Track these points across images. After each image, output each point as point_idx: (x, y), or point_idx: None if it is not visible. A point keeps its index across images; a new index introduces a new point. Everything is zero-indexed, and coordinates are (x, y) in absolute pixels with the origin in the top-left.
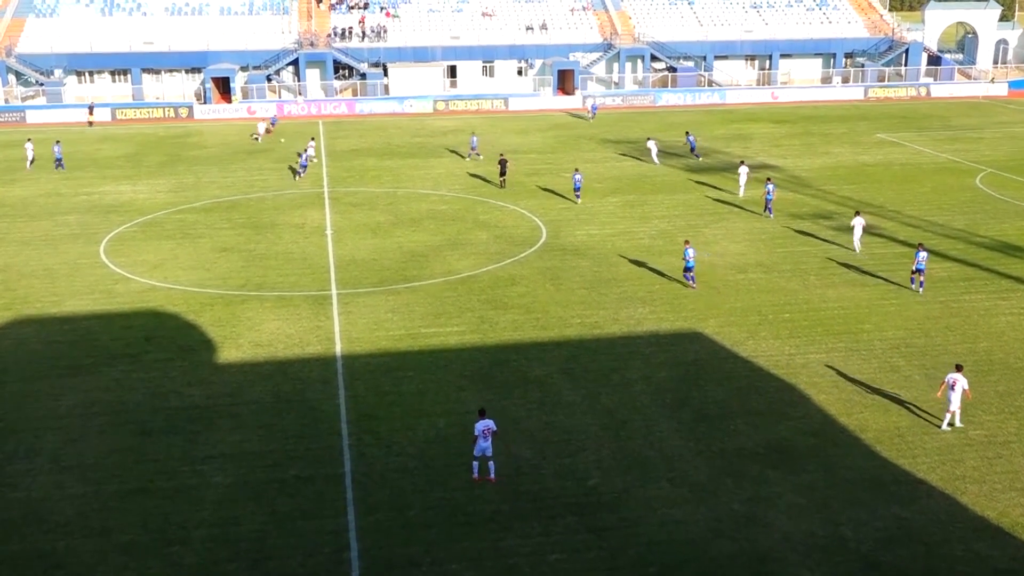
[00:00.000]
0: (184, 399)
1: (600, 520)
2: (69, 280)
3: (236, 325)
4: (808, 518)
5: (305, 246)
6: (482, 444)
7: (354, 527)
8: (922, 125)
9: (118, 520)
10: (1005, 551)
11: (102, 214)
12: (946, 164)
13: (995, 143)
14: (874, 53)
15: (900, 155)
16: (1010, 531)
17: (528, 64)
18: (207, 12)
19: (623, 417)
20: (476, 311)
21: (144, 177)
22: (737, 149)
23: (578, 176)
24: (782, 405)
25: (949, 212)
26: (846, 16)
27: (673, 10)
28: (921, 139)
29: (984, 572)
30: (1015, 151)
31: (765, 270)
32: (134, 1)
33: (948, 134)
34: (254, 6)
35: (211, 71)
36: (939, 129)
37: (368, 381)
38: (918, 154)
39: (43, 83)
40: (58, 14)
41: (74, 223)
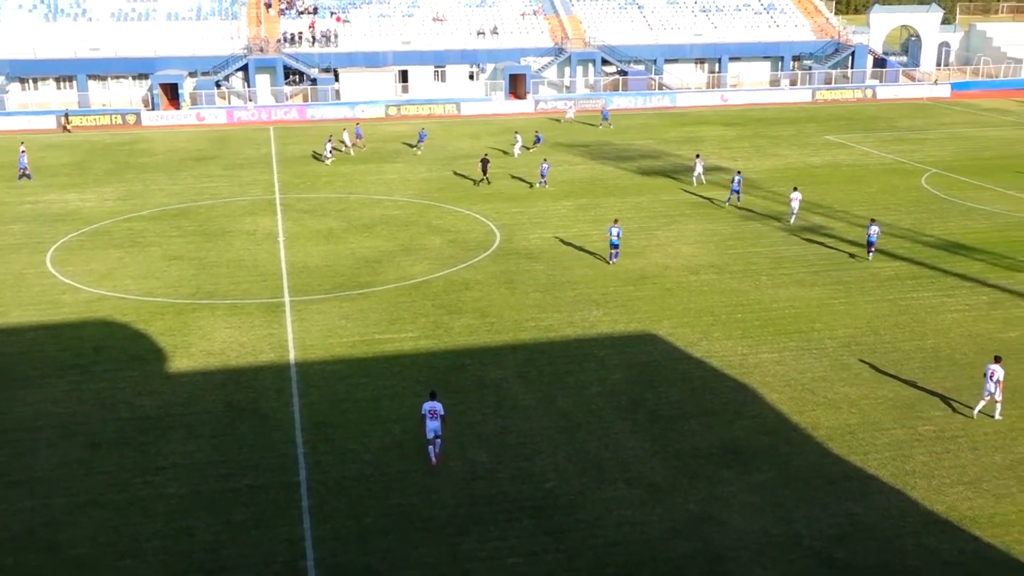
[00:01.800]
0: (135, 410)
1: (557, 522)
2: (14, 291)
3: (187, 334)
4: (763, 516)
5: (257, 253)
6: (431, 424)
7: (310, 536)
8: (868, 127)
9: (68, 534)
10: (954, 544)
11: (48, 223)
12: (892, 165)
13: (940, 144)
14: (821, 56)
15: (847, 156)
16: (958, 524)
17: (480, 69)
18: (154, 17)
19: (579, 419)
20: (431, 316)
21: (91, 185)
22: (688, 151)
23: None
24: (736, 405)
25: (896, 212)
26: (793, 20)
27: (623, 14)
28: (868, 140)
29: (934, 565)
30: (959, 151)
31: (717, 271)
32: (79, 7)
33: (894, 135)
34: (202, 11)
35: (159, 77)
36: (885, 130)
37: (322, 388)
38: (865, 155)
39: None
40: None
41: (19, 232)
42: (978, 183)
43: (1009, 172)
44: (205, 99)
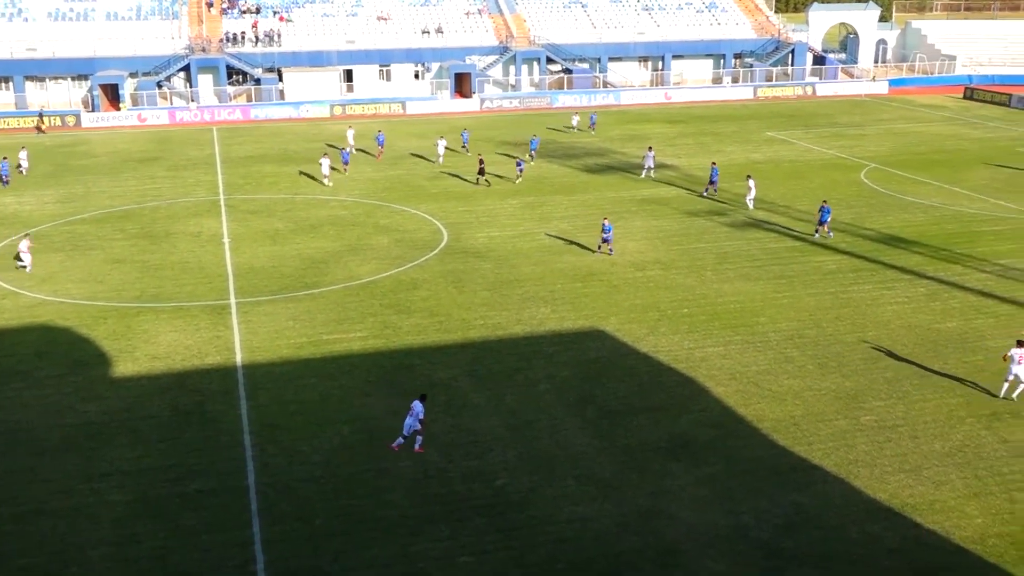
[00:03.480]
0: (80, 415)
1: (509, 520)
2: None
3: (132, 338)
4: (711, 509)
5: (202, 255)
6: (408, 421)
7: (259, 539)
8: (809, 123)
9: (14, 544)
10: (896, 531)
11: None
12: (833, 160)
13: (878, 139)
14: (762, 53)
15: (789, 152)
16: (900, 512)
17: (425, 68)
18: (93, 17)
19: (528, 417)
20: (379, 316)
21: (30, 188)
22: (633, 149)
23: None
24: (683, 399)
25: (836, 206)
26: (734, 18)
27: (567, 13)
28: (808, 137)
29: (878, 552)
30: (897, 147)
31: (663, 267)
32: (14, 6)
33: (834, 131)
34: (142, 11)
35: (99, 78)
36: (825, 127)
37: (270, 390)
38: (806, 151)
39: None
40: None
41: None
42: (915, 177)
43: (945, 167)
44: (147, 100)
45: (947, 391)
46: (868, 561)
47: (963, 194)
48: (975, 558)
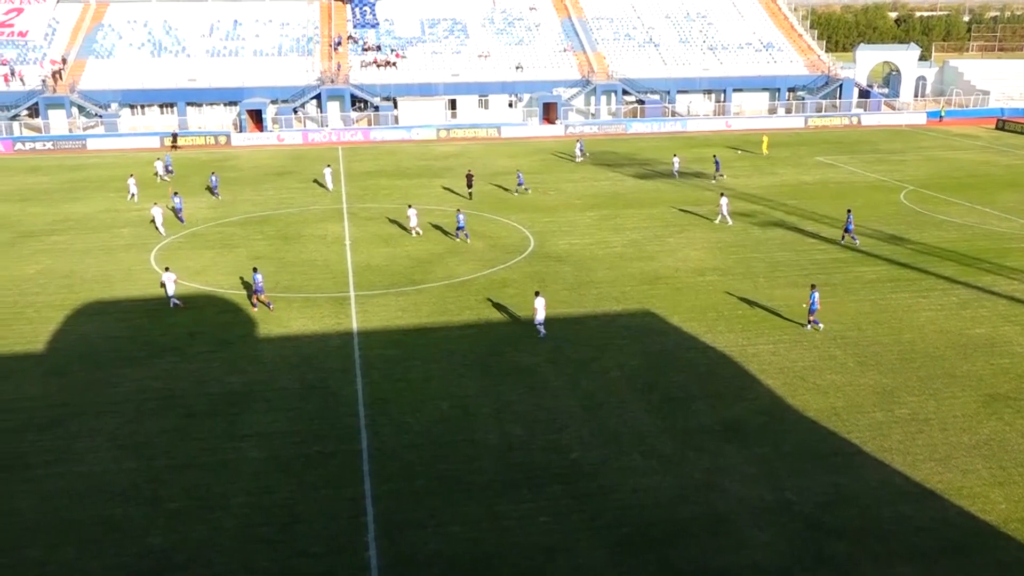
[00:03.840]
0: (224, 386)
1: (581, 488)
2: (124, 284)
3: (268, 322)
4: (759, 485)
5: (327, 254)
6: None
7: (370, 495)
8: (854, 149)
9: (167, 490)
10: (925, 512)
11: (152, 227)
12: (875, 183)
13: (916, 165)
14: (813, 88)
15: (835, 175)
16: (929, 495)
17: (517, 98)
18: (242, 54)
19: (600, 399)
20: (474, 309)
21: (188, 195)
22: (699, 169)
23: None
24: (736, 388)
25: (878, 223)
26: (789, 56)
27: (641, 51)
28: (853, 161)
29: (908, 530)
30: (933, 171)
31: (721, 274)
32: (179, 44)
33: (876, 157)
34: (283, 48)
35: (246, 104)
36: (869, 153)
37: (381, 370)
38: (851, 174)
39: (101, 115)
40: (114, 56)
41: (128, 235)
42: (950, 199)
43: (977, 190)
44: (284, 123)
45: (975, 389)
46: (899, 537)
47: (993, 214)
48: (998, 538)
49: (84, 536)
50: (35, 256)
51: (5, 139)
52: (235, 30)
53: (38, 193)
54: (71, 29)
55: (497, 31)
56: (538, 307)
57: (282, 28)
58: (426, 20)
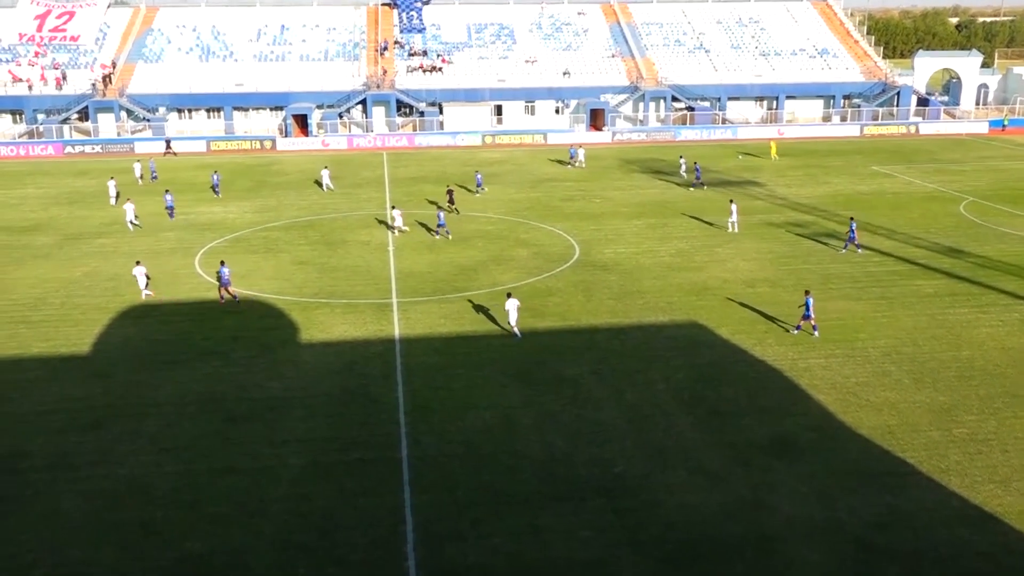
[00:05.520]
0: (265, 391)
1: (624, 502)
2: (169, 287)
3: (310, 328)
4: (808, 504)
5: (370, 260)
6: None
7: (409, 504)
8: (912, 159)
9: (207, 494)
10: (985, 536)
11: (197, 231)
12: (933, 193)
13: (977, 175)
14: (869, 95)
15: (892, 185)
16: (990, 519)
17: (564, 104)
18: (289, 59)
19: (645, 412)
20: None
21: (234, 200)
22: (749, 177)
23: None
24: (786, 404)
25: (936, 235)
26: (844, 63)
27: (692, 57)
28: (911, 171)
29: (967, 554)
30: (995, 182)
31: (771, 285)
32: (227, 49)
33: (935, 167)
34: (329, 53)
35: (292, 109)
36: (927, 162)
37: (423, 377)
38: (908, 184)
39: (149, 119)
40: (163, 60)
41: (173, 239)
42: (1012, 211)
43: None
44: (330, 128)
45: None
46: (956, 562)
47: None
48: None
49: (125, 538)
50: (82, 259)
51: (55, 142)
52: (282, 35)
53: (86, 196)
54: (121, 34)
55: (545, 36)
56: (510, 308)
57: (329, 33)
58: (473, 25)
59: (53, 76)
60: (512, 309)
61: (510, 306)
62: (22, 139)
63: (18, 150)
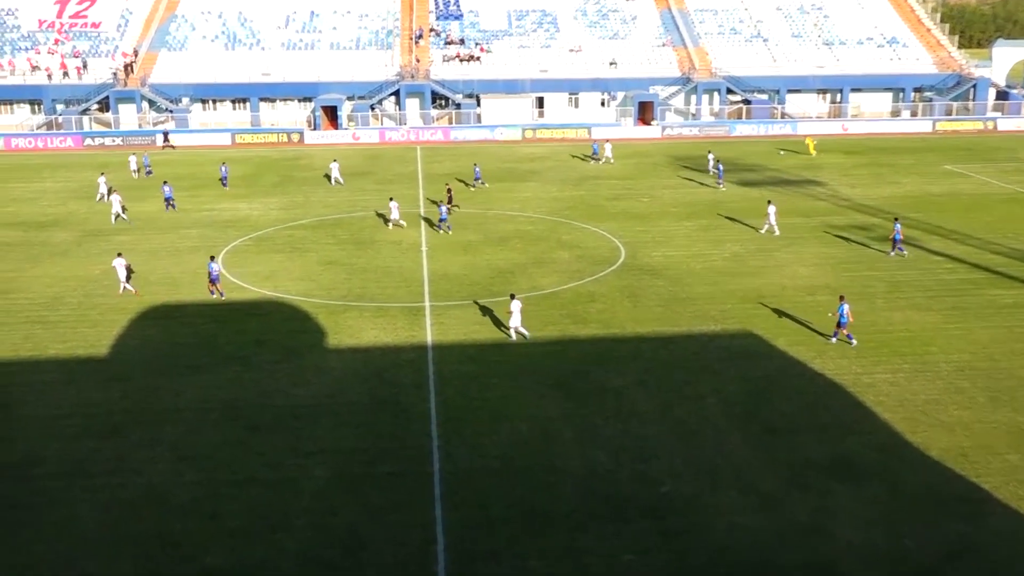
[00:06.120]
0: (289, 398)
1: (671, 524)
2: (191, 288)
3: (338, 332)
4: (872, 530)
5: (402, 261)
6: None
7: (441, 521)
8: (989, 157)
9: (228, 506)
10: None
11: (220, 229)
12: (1014, 195)
13: None
14: (942, 88)
15: (967, 186)
16: None
17: (611, 96)
18: (318, 47)
19: (694, 428)
20: (558, 325)
21: (259, 196)
22: (810, 176)
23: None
24: (848, 421)
25: (1015, 240)
26: (915, 53)
27: (749, 47)
28: (988, 171)
29: None
30: None
31: (833, 293)
32: (253, 36)
33: (1016, 166)
34: (360, 41)
35: (321, 100)
36: (1006, 161)
37: (456, 387)
38: (985, 185)
39: (172, 110)
40: (187, 48)
41: (196, 236)
42: None
43: None
44: (360, 120)
45: None
46: None
47: None
48: None
49: (141, 551)
50: (101, 256)
51: (75, 134)
52: (312, 22)
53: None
54: (143, 20)
55: (590, 24)
56: (513, 310)
57: (360, 20)
58: (513, 12)
59: (73, 65)
60: (516, 311)
61: (514, 308)
62: (40, 130)
63: (36, 142)
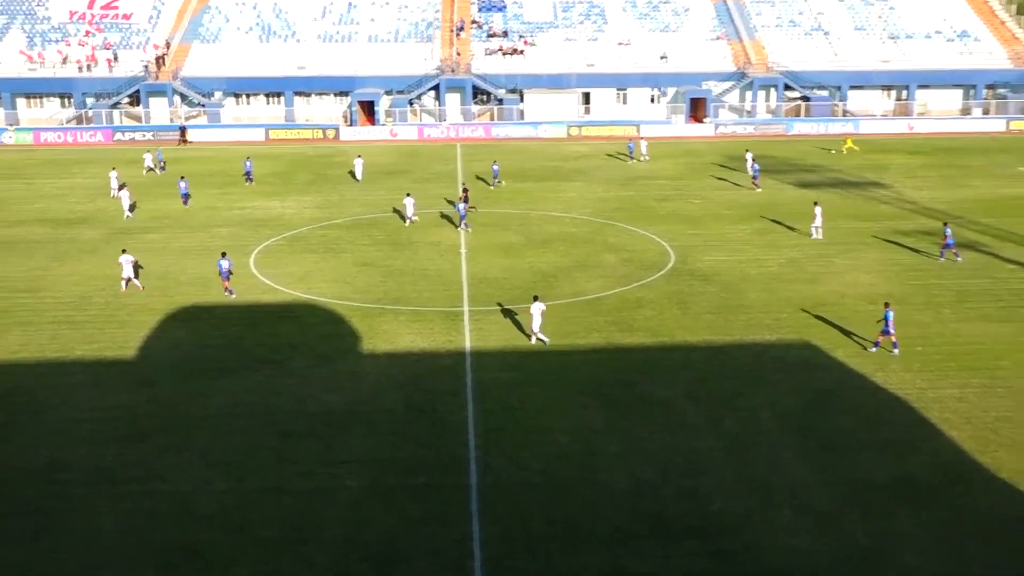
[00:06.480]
0: (322, 404)
1: (721, 544)
2: (221, 288)
3: (373, 337)
4: (936, 556)
5: (440, 264)
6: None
7: (478, 537)
8: None
9: (257, 516)
10: None
11: (253, 227)
12: None
13: None
14: (1018, 85)
15: None
16: None
17: (661, 92)
18: (356, 39)
19: (747, 442)
20: (602, 332)
21: (292, 194)
22: (873, 178)
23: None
24: (911, 439)
25: None
26: (987, 47)
27: (808, 40)
28: None
29: None
30: None
31: (896, 302)
32: (289, 28)
33: None
34: (399, 34)
35: (357, 95)
36: None
37: (496, 396)
38: None
39: (204, 104)
40: (220, 40)
41: (227, 235)
42: None
43: None
44: (398, 116)
45: None
46: None
47: None
48: None
49: (166, 562)
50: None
51: (105, 128)
52: (349, 13)
53: (135, 187)
54: (176, 12)
55: (640, 15)
56: (535, 313)
57: (400, 11)
58: (559, 3)
59: (104, 57)
60: (537, 314)
61: (535, 310)
62: (70, 124)
63: (66, 136)
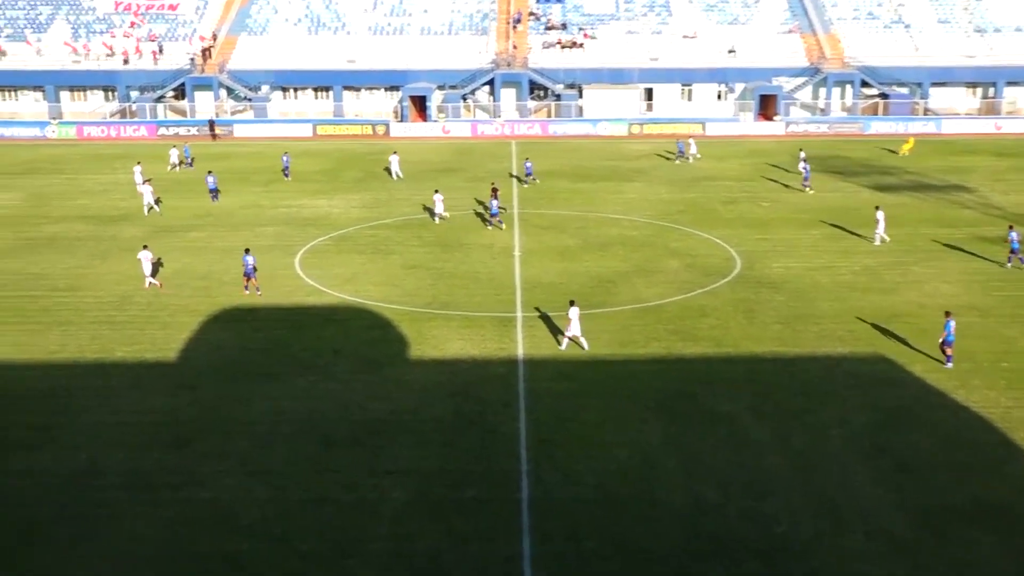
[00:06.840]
0: (368, 412)
1: (787, 569)
2: (265, 289)
3: (421, 343)
4: None
5: (492, 267)
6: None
7: (528, 555)
8: None
9: (299, 528)
10: None
11: (299, 227)
12: None
13: None
14: None
15: None
16: None
17: (728, 88)
18: (408, 32)
19: (815, 461)
20: (663, 341)
21: (340, 192)
22: (955, 181)
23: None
24: (995, 461)
25: None
26: None
27: (887, 34)
28: None
29: None
30: None
31: (981, 314)
32: (339, 20)
33: None
34: (453, 26)
35: (409, 89)
36: None
37: (549, 406)
38: None
39: (251, 98)
40: (268, 32)
41: (272, 234)
42: None
43: None
44: (451, 112)
45: None
46: None
47: None
48: None
49: (204, 572)
50: (172, 254)
51: (149, 123)
52: (401, 5)
53: (179, 184)
54: (223, 3)
55: (706, 7)
56: (572, 317)
57: (454, 3)
58: None
59: (149, 49)
60: (574, 319)
61: (572, 315)
62: (114, 119)
63: (109, 131)
